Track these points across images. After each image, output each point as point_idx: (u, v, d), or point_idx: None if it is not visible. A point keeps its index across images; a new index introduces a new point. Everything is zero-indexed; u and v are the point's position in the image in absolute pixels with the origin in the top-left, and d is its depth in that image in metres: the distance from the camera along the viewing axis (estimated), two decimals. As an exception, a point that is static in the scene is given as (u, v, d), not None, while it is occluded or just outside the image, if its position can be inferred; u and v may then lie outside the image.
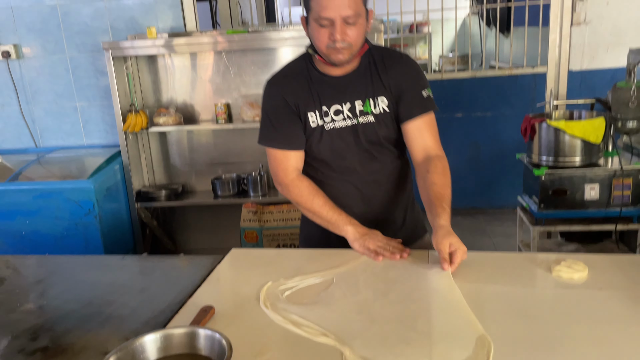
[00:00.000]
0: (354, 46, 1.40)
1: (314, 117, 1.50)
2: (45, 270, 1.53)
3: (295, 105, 1.50)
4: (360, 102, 1.49)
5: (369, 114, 1.49)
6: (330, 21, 1.35)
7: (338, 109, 1.49)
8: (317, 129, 1.50)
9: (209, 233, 3.57)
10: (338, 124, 1.50)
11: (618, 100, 2.50)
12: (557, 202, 2.58)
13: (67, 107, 3.44)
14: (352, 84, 1.49)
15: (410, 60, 1.53)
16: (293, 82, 1.51)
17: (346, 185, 1.57)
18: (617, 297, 1.13)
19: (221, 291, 1.33)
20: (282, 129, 1.51)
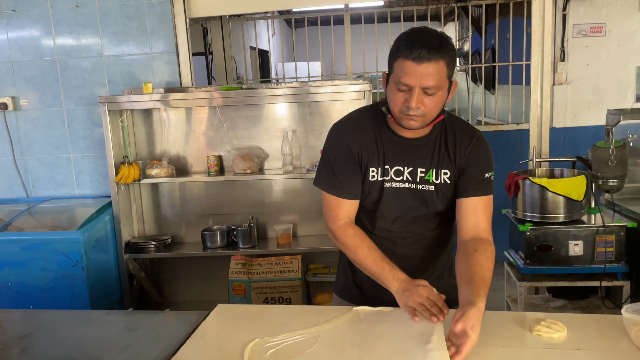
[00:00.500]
0: (428, 115, 1.38)
1: (375, 172, 1.51)
2: (30, 326, 1.52)
3: (359, 155, 1.50)
4: (424, 169, 1.49)
5: (430, 183, 1.49)
6: (409, 87, 1.34)
7: (399, 170, 1.50)
8: (375, 184, 1.51)
9: (197, 285, 3.55)
10: (396, 184, 1.50)
11: (598, 159, 2.59)
12: (543, 258, 2.62)
13: (60, 158, 3.49)
14: (419, 149, 1.49)
15: (482, 142, 1.51)
16: (361, 133, 1.51)
17: (386, 241, 1.57)
18: (595, 357, 1.16)
19: (205, 348, 1.33)
20: (341, 177, 1.51)
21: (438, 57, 1.32)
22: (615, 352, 1.18)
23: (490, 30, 5.56)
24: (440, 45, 1.32)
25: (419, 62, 1.31)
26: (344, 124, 1.56)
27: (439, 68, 1.32)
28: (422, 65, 1.31)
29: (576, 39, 3.84)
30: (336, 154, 1.53)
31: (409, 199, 1.51)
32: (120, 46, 3.36)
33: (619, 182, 2.58)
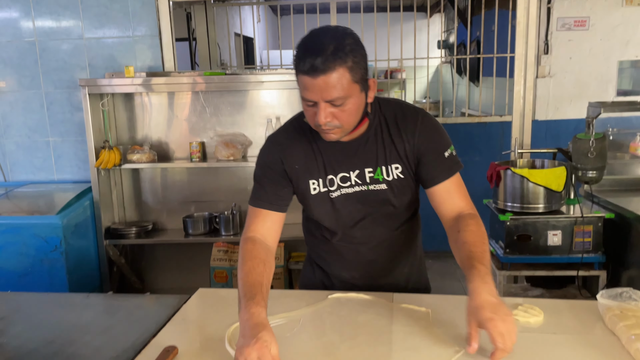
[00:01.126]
0: (345, 126, 1.26)
1: (316, 185, 1.41)
2: (7, 308, 1.50)
3: (294, 169, 1.40)
4: (371, 169, 1.39)
5: (381, 182, 1.39)
6: (313, 102, 1.22)
7: (345, 176, 1.40)
8: (319, 196, 1.42)
9: (178, 272, 3.53)
10: (345, 191, 1.41)
11: (578, 150, 2.62)
12: (522, 247, 2.65)
13: (39, 141, 3.43)
14: (361, 149, 1.38)
15: (427, 121, 1.38)
16: (296, 145, 1.40)
17: (348, 249, 1.51)
18: (570, 341, 1.18)
19: (186, 331, 1.32)
20: (267, 187, 1.41)
21: (335, 65, 1.16)
22: (590, 336, 1.21)
23: (476, 22, 5.58)
24: (336, 52, 1.16)
25: (315, 76, 1.16)
26: (278, 136, 1.44)
27: (339, 77, 1.17)
28: (319, 78, 1.16)
29: (560, 32, 3.88)
30: (265, 166, 1.42)
31: (362, 203, 1.42)
32: (102, 29, 3.30)
33: (598, 174, 2.62)
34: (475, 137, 4.45)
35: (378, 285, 1.52)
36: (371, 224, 1.47)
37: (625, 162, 3.17)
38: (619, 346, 1.15)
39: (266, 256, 1.32)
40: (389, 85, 6.62)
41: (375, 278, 1.54)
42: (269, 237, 1.40)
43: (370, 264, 1.53)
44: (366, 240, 1.49)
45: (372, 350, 1.16)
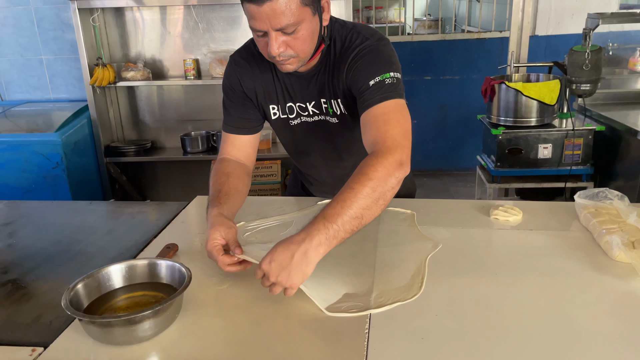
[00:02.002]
0: (301, 55, 1.17)
1: (276, 110, 1.38)
2: (15, 214, 1.58)
3: (253, 91, 1.36)
4: (324, 99, 1.33)
5: (332, 115, 1.35)
6: (263, 32, 1.11)
7: (302, 106, 1.36)
8: (278, 122, 1.40)
9: (178, 188, 3.62)
10: (304, 119, 1.37)
11: (573, 63, 2.61)
12: (513, 161, 2.72)
13: (32, 60, 3.39)
14: (315, 80, 1.31)
15: (367, 46, 1.23)
16: (256, 68, 1.33)
17: (317, 172, 1.53)
18: (545, 236, 1.26)
19: (185, 232, 1.40)
20: (231, 110, 1.38)
21: None
22: (565, 231, 1.28)
23: None
24: None
25: (260, 3, 1.06)
26: (240, 56, 1.36)
27: (287, 2, 1.07)
28: (265, 5, 1.06)
29: (565, -60, 3.71)
30: (227, 89, 1.38)
31: (321, 132, 1.38)
32: (87, -61, 3.16)
33: (592, 87, 2.62)
34: (473, 54, 4.38)
35: None
36: (330, 157, 1.45)
37: (624, 78, 3.16)
38: (591, 240, 1.23)
39: (232, 169, 1.31)
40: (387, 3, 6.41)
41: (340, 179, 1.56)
42: (242, 157, 1.38)
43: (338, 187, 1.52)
44: (326, 172, 1.50)
45: (358, 247, 1.24)
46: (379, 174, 1.03)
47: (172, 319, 0.95)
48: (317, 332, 0.92)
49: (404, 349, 0.87)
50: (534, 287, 1.04)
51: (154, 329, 0.91)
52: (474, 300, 1.00)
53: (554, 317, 0.94)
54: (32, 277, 1.18)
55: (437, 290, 1.04)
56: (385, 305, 0.98)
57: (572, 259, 1.15)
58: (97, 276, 1.01)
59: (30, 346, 0.91)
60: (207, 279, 1.12)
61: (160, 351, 0.89)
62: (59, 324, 0.98)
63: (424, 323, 0.93)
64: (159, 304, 0.89)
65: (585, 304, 0.99)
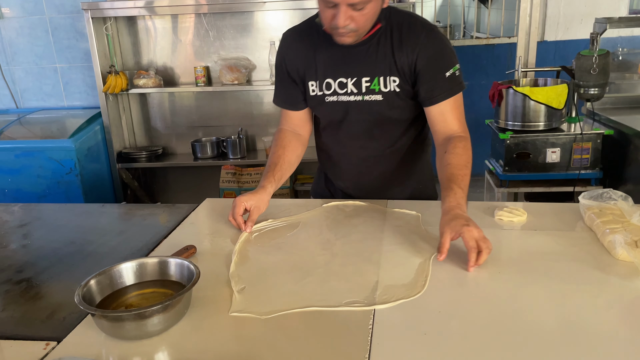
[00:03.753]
0: (360, 30, 1.28)
1: (314, 87, 1.44)
2: (29, 216, 1.62)
3: (296, 69, 1.45)
4: (368, 78, 1.39)
5: (377, 92, 1.39)
6: (335, 4, 1.22)
7: (342, 82, 1.41)
8: (316, 98, 1.46)
9: (189, 194, 3.67)
10: (340, 98, 1.43)
11: (581, 67, 2.62)
12: (521, 165, 2.72)
13: (47, 68, 3.47)
14: (362, 56, 1.38)
15: (432, 37, 1.35)
16: (300, 44, 1.44)
17: (342, 156, 1.57)
18: (549, 236, 1.27)
19: (195, 233, 1.43)
20: (279, 87, 1.54)
21: None
22: (569, 232, 1.29)
23: (488, -61, 5.33)
24: None
25: None
26: (288, 34, 1.49)
27: None
28: None
29: (573, -54, 3.72)
30: (276, 65, 1.52)
31: (353, 111, 1.44)
32: (101, -50, 3.23)
33: (600, 91, 2.62)
34: (482, 59, 4.39)
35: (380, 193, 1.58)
36: (363, 134, 1.49)
37: (634, 82, 3.15)
38: (595, 240, 1.23)
39: (289, 141, 1.54)
40: (397, 9, 6.45)
41: (368, 192, 1.59)
42: (297, 128, 1.57)
43: (362, 177, 1.58)
44: (357, 149, 1.53)
45: (364, 245, 1.26)
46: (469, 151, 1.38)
47: (181, 314, 0.98)
48: (322, 328, 0.94)
49: (407, 344, 0.88)
50: (537, 286, 1.05)
51: (163, 324, 0.93)
52: (478, 299, 1.02)
53: (557, 316, 0.95)
54: (45, 276, 1.21)
55: (441, 288, 1.06)
56: (389, 302, 1.00)
57: (576, 258, 1.16)
58: (109, 273, 1.04)
59: (44, 340, 0.94)
60: (217, 278, 1.14)
61: (169, 346, 0.91)
62: (72, 320, 1.00)
63: (427, 320, 0.95)
64: (168, 299, 0.92)
65: (589, 303, 1.00)
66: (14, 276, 1.22)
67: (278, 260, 1.21)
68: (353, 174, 1.60)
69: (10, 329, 1.00)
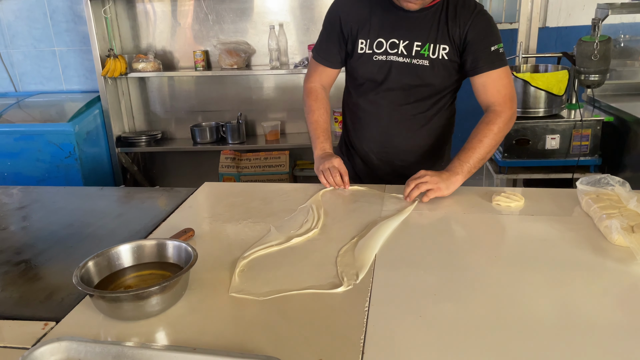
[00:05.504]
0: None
1: (364, 44, 1.53)
2: (28, 199, 1.62)
3: (349, 28, 1.54)
4: (419, 43, 1.49)
5: (426, 58, 1.49)
6: None
7: (394, 42, 1.50)
8: (364, 56, 1.54)
9: (188, 178, 3.67)
10: (389, 57, 1.51)
11: (582, 53, 2.60)
12: (520, 151, 2.72)
13: (45, 51, 3.45)
14: (417, 22, 1.48)
15: (483, 14, 1.47)
16: (357, 3, 1.54)
17: (374, 119, 1.63)
18: (546, 221, 1.27)
19: (193, 216, 1.43)
20: (324, 43, 1.62)
21: None
22: (566, 217, 1.30)
23: None
24: None
25: None
26: None
27: None
28: None
29: None
30: (327, 21, 1.60)
31: (400, 74, 1.52)
32: None
33: (601, 77, 2.61)
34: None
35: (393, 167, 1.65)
36: (400, 96, 1.56)
37: (635, 69, 3.14)
38: (591, 225, 1.24)
39: (326, 102, 1.67)
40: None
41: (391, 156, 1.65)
42: (326, 84, 1.70)
43: (388, 139, 1.63)
44: (390, 111, 1.60)
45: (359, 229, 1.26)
46: (500, 128, 1.48)
47: (179, 296, 0.98)
48: (318, 310, 0.95)
49: (403, 326, 0.89)
50: (534, 271, 1.06)
51: (161, 304, 0.94)
52: (473, 282, 1.02)
53: (554, 300, 0.96)
54: (44, 258, 1.22)
55: (436, 271, 1.06)
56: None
57: (573, 243, 1.16)
58: (107, 255, 1.05)
59: (42, 321, 0.95)
60: (215, 261, 1.14)
61: (167, 326, 0.92)
62: (70, 301, 1.01)
63: (422, 302, 0.96)
64: (166, 281, 0.92)
65: (585, 288, 1.00)
66: (12, 257, 1.22)
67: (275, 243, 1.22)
68: (381, 137, 1.64)
69: (8, 309, 1.01)
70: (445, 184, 1.38)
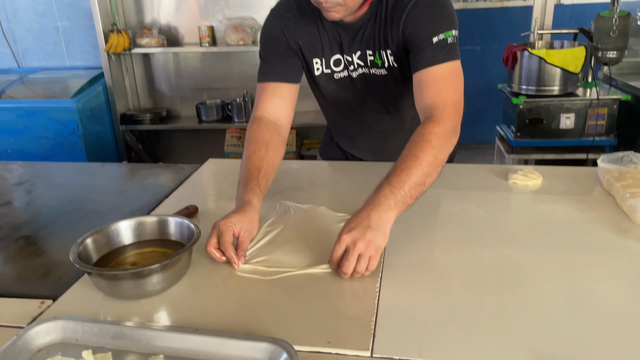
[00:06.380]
0: (348, 4, 1.13)
1: (319, 64, 1.33)
2: (30, 174, 1.58)
3: (297, 45, 1.30)
4: (371, 52, 1.28)
5: (380, 67, 1.30)
6: None
7: (348, 59, 1.30)
8: (323, 77, 1.35)
9: (194, 157, 3.61)
10: (349, 73, 1.33)
11: (600, 29, 2.51)
12: (533, 131, 2.64)
13: (48, 26, 3.38)
14: (364, 30, 1.26)
15: (421, 2, 1.18)
16: (300, 21, 1.28)
17: (361, 132, 1.49)
18: (565, 201, 1.21)
19: (197, 193, 1.39)
20: (270, 60, 1.30)
21: None
22: (586, 196, 1.24)
23: None
24: None
25: None
26: (280, 9, 1.30)
27: None
28: None
29: None
30: (268, 39, 1.31)
31: (364, 85, 1.34)
32: None
33: (619, 54, 2.52)
34: (495, 23, 4.25)
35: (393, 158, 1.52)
36: (376, 107, 1.40)
37: (653, 48, 3.04)
38: (613, 205, 1.18)
39: (271, 137, 1.22)
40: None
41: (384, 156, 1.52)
42: (280, 115, 1.28)
43: (379, 147, 1.52)
44: (375, 124, 1.45)
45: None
46: (440, 142, 1.04)
47: (181, 274, 0.94)
48: (327, 291, 0.90)
49: (416, 308, 0.84)
50: (553, 252, 1.00)
51: (162, 283, 0.90)
52: (490, 263, 0.97)
53: (574, 282, 0.91)
54: (43, 234, 1.18)
55: (451, 252, 1.01)
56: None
57: (594, 223, 1.11)
58: (106, 231, 1.00)
59: (39, 299, 0.91)
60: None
61: (169, 306, 0.88)
62: (69, 278, 0.97)
63: (436, 284, 0.91)
64: (167, 258, 0.88)
65: (607, 269, 0.95)
66: (11, 233, 1.18)
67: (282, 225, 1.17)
68: (371, 146, 1.54)
69: (5, 286, 0.97)
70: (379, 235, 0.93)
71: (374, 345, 0.76)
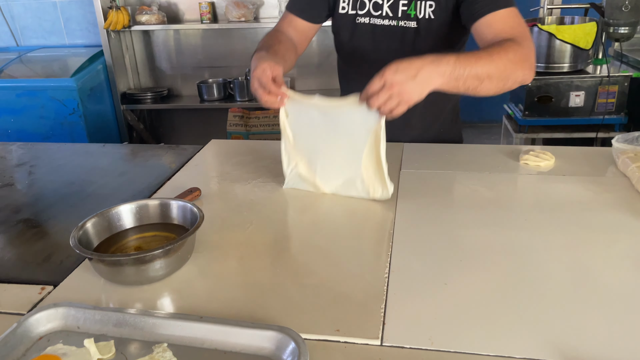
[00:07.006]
0: None
1: (345, 4, 1.33)
2: (30, 155, 1.55)
3: None
4: (405, 2, 1.27)
5: (412, 18, 1.27)
6: None
7: (377, 3, 1.29)
8: (345, 18, 1.34)
9: (196, 137, 3.58)
10: (373, 21, 1.31)
11: (612, 4, 2.44)
12: (542, 110, 2.59)
13: (46, 3, 3.31)
14: None
15: None
16: None
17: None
18: (578, 182, 1.18)
19: (199, 175, 1.36)
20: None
21: None
22: (600, 177, 1.20)
23: None
24: None
25: None
26: None
27: None
28: None
29: None
30: None
31: (387, 39, 1.31)
32: None
33: (631, 30, 2.45)
34: (503, -2, 4.15)
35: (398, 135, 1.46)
36: None
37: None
38: (629, 186, 1.15)
39: (285, 40, 1.30)
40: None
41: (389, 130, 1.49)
42: (297, 40, 1.35)
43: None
44: None
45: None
46: (515, 58, 1.05)
47: (184, 259, 0.91)
48: (333, 276, 0.88)
49: (427, 294, 0.82)
50: (566, 234, 0.97)
51: (165, 269, 0.87)
52: (501, 247, 0.94)
53: (589, 266, 0.88)
54: (44, 217, 1.16)
55: (463, 236, 0.98)
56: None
57: (609, 205, 1.07)
58: (107, 215, 0.97)
59: (39, 285, 0.89)
60: (223, 222, 1.07)
61: (172, 292, 0.86)
62: (70, 263, 0.95)
63: (447, 269, 0.88)
64: (169, 243, 0.85)
65: (622, 252, 0.92)
66: (11, 216, 1.16)
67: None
68: None
69: (4, 272, 0.95)
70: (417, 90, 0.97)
71: (383, 333, 0.73)
